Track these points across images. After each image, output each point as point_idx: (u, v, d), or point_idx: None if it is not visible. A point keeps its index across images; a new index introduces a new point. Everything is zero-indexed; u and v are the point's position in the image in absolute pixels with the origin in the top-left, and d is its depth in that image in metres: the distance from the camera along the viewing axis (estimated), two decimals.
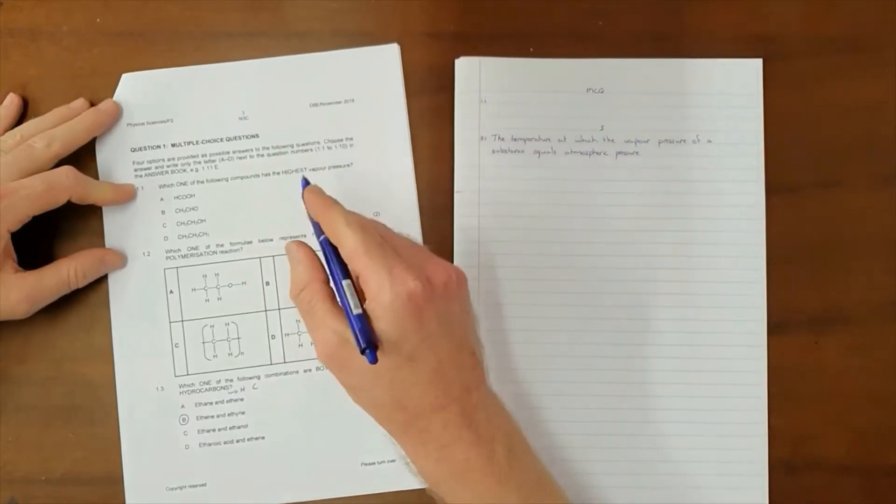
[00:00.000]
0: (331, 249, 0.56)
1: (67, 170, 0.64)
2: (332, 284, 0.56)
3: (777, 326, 0.66)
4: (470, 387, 0.56)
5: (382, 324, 0.53)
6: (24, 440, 0.66)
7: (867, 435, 0.66)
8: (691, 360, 0.66)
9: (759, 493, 0.65)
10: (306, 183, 0.61)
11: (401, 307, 0.53)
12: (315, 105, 0.68)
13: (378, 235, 0.55)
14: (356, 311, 0.53)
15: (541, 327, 0.66)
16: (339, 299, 0.55)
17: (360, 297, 0.54)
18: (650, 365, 0.66)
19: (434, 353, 0.54)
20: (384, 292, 0.53)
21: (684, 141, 0.67)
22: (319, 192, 0.59)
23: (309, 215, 0.59)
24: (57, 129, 0.65)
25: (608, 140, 0.67)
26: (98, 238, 0.67)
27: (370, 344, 0.51)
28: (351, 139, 0.68)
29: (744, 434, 0.65)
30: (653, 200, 0.67)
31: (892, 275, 0.67)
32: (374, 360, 0.51)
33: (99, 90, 0.69)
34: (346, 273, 0.55)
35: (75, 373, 0.67)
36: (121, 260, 0.66)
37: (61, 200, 0.63)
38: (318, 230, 0.58)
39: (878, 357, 0.66)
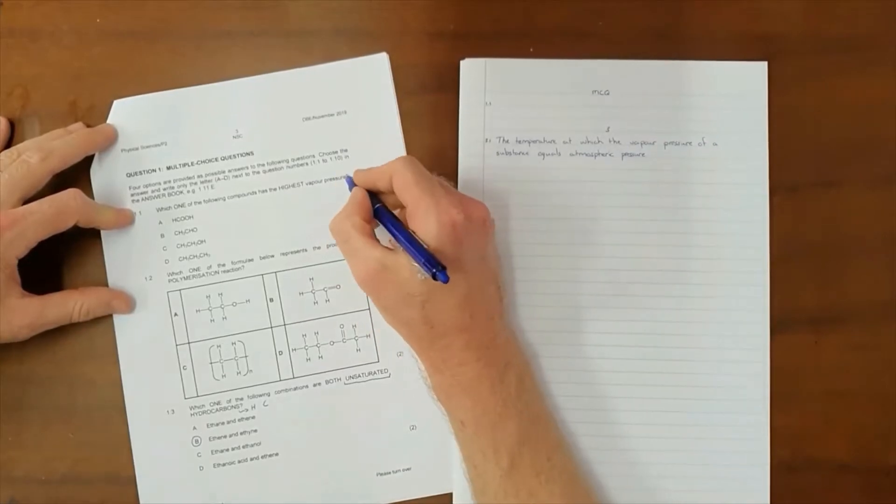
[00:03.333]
0: (385, 212, 0.61)
1: (75, 193, 0.64)
2: (390, 232, 0.60)
3: (777, 325, 0.66)
4: (492, 316, 0.62)
5: None
6: (24, 440, 0.67)
7: (867, 435, 0.67)
8: (693, 360, 0.66)
9: (761, 493, 0.66)
10: (351, 181, 0.63)
11: (445, 236, 0.57)
12: (308, 119, 0.68)
13: (427, 172, 0.60)
14: (421, 243, 0.57)
15: (543, 328, 0.67)
16: (398, 237, 0.59)
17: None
18: (652, 365, 0.66)
19: (466, 281, 0.59)
20: (430, 221, 0.57)
21: (690, 143, 0.67)
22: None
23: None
24: (52, 143, 0.65)
25: (614, 142, 0.67)
26: (100, 265, 0.67)
27: (440, 266, 0.56)
28: (346, 150, 0.68)
29: (745, 434, 0.66)
30: (658, 202, 0.67)
31: (893, 274, 0.67)
32: (447, 280, 0.55)
33: (99, 90, 0.69)
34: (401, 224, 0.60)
35: (75, 372, 0.68)
36: (128, 306, 0.67)
37: (69, 224, 0.64)
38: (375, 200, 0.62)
39: (878, 357, 0.67)
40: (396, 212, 0.62)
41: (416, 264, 0.57)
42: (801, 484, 0.66)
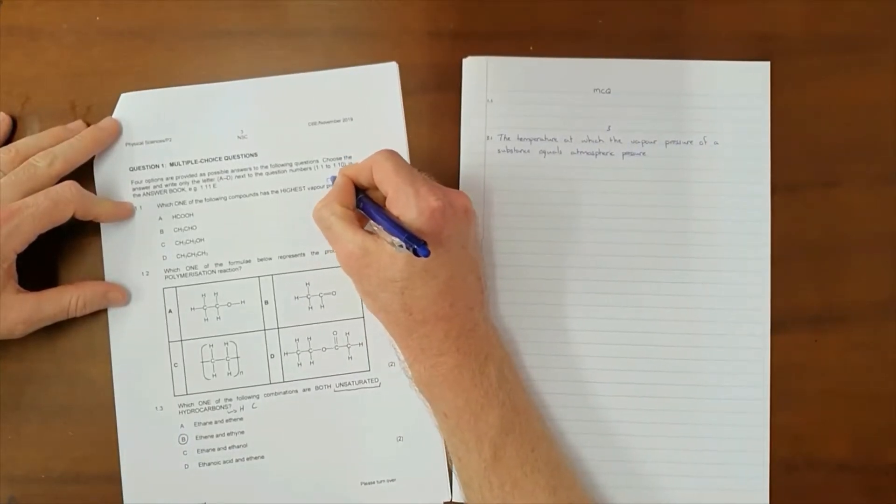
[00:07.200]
0: (367, 200, 0.62)
1: (70, 184, 0.64)
2: (371, 217, 0.61)
3: (777, 325, 0.66)
4: (472, 306, 0.62)
5: None
6: (23, 439, 0.66)
7: (867, 434, 0.66)
8: (694, 359, 0.66)
9: (760, 493, 0.65)
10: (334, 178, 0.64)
11: (424, 223, 0.58)
12: (314, 124, 0.68)
13: (406, 163, 0.61)
14: (402, 224, 0.58)
15: (544, 325, 0.67)
16: (379, 220, 0.59)
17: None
18: (653, 364, 0.66)
19: (447, 269, 0.59)
20: (410, 209, 0.58)
21: (691, 142, 0.68)
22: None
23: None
24: (57, 147, 0.65)
25: (615, 140, 0.68)
26: (97, 259, 0.67)
27: (421, 241, 0.56)
28: (350, 157, 0.68)
29: (745, 433, 0.66)
30: (658, 201, 0.67)
31: (893, 274, 0.67)
32: (427, 253, 0.55)
33: (99, 90, 0.69)
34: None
35: (75, 371, 0.67)
36: (124, 297, 0.66)
37: (66, 216, 0.63)
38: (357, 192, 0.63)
39: (878, 356, 0.67)
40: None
41: (395, 245, 0.57)
42: (800, 483, 0.66)
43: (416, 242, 0.55)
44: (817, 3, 0.69)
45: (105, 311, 0.67)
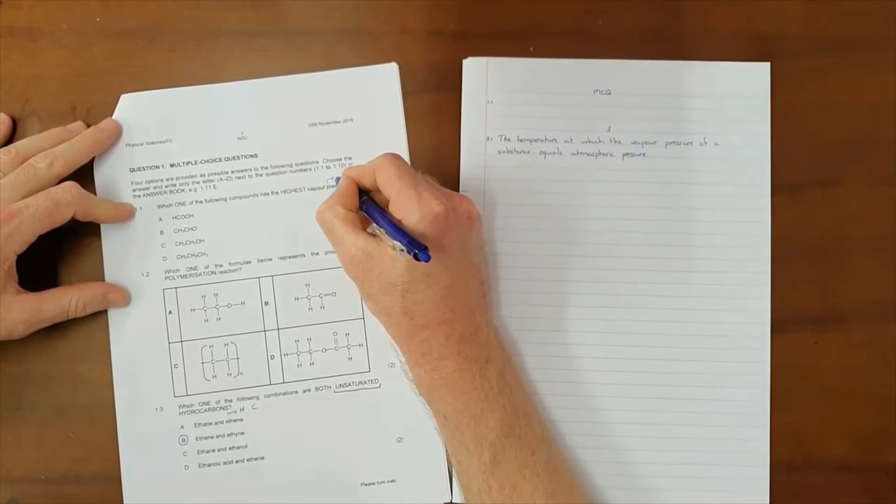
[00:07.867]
0: (370, 202, 0.61)
1: (70, 185, 0.64)
2: (373, 220, 0.60)
3: (777, 325, 0.66)
4: (474, 310, 0.61)
5: None
6: (23, 439, 0.66)
7: (867, 435, 0.66)
8: (694, 360, 0.66)
9: (761, 493, 0.65)
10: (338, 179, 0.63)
11: (426, 227, 0.57)
12: (314, 125, 0.68)
13: (410, 167, 0.61)
14: (403, 228, 0.58)
15: (544, 327, 0.67)
16: (381, 223, 0.59)
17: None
18: (653, 364, 0.66)
19: (448, 273, 0.59)
20: (412, 213, 0.57)
21: (691, 143, 0.68)
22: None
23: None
24: (58, 148, 0.65)
25: (615, 141, 0.68)
26: (97, 260, 0.67)
27: (421, 246, 0.56)
28: (350, 158, 0.68)
29: (745, 434, 0.66)
30: (659, 202, 0.67)
31: (893, 274, 0.67)
32: (428, 258, 0.55)
33: (99, 90, 0.69)
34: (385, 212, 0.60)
35: (75, 372, 0.67)
36: (124, 298, 0.66)
37: (66, 217, 0.63)
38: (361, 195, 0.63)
39: (878, 356, 0.67)
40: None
41: (397, 249, 0.57)
42: (800, 484, 0.66)
43: (416, 247, 0.55)
44: (817, 3, 0.69)
45: (105, 311, 0.66)
